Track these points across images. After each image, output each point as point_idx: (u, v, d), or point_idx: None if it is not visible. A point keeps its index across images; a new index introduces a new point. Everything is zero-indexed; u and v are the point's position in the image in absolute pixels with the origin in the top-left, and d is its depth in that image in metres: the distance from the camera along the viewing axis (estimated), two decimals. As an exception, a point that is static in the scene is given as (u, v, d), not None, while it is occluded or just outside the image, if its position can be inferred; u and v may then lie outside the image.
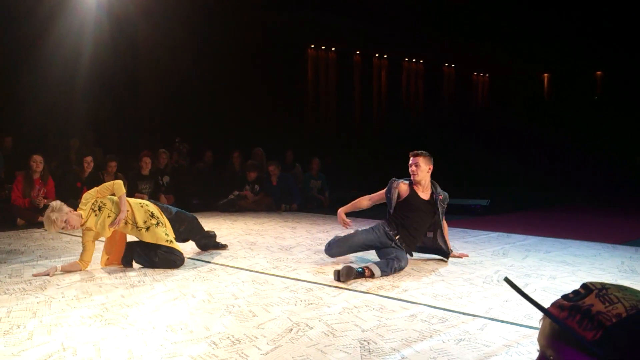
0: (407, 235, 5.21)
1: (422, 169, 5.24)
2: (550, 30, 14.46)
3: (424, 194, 5.30)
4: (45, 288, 4.32)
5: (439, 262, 5.38)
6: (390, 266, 4.76)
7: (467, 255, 5.57)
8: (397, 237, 5.17)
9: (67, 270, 4.85)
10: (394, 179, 5.41)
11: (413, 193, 5.27)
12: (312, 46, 15.66)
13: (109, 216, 4.95)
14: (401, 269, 4.88)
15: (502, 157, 15.79)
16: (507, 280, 1.08)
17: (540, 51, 16.18)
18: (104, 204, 4.97)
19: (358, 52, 16.66)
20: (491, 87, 21.27)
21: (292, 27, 13.11)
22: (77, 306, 3.84)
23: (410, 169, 5.27)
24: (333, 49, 16.06)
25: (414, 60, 18.34)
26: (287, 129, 13.40)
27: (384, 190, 5.40)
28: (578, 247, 6.21)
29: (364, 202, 5.44)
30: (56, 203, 4.81)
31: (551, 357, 1.00)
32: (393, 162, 12.78)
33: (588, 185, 13.71)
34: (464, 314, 3.68)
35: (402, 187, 5.31)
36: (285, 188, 9.99)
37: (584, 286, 1.02)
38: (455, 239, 6.75)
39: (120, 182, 5.06)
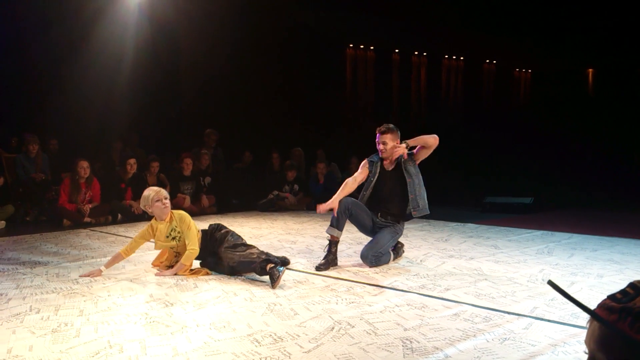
0: (384, 211, 5.29)
1: (389, 145, 5.24)
2: (595, 25, 14.11)
3: (392, 164, 5.36)
4: (92, 287, 4.41)
5: (481, 260, 5.30)
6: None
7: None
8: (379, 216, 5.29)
9: (111, 265, 4.90)
10: (367, 159, 5.50)
11: (382, 170, 5.35)
12: (351, 45, 15.62)
13: (171, 239, 4.90)
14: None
15: (545, 154, 15.48)
16: (550, 283, 1.04)
17: (584, 46, 15.80)
18: (179, 236, 4.91)
19: (397, 51, 16.55)
20: (533, 83, 20.87)
21: (330, 26, 13.10)
22: (123, 304, 3.91)
23: (377, 147, 5.31)
24: (372, 47, 15.98)
25: (454, 57, 18.12)
26: (326, 129, 13.40)
27: (365, 169, 5.42)
28: (626, 245, 6.05)
29: (350, 183, 5.41)
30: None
31: None
32: (432, 159, 12.69)
33: (635, 183, 13.33)
34: (508, 313, 3.62)
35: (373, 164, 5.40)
36: (329, 187, 10.02)
37: (633, 286, 0.98)
38: (499, 237, 6.66)
39: (192, 254, 4.83)
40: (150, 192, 4.98)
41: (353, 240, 6.56)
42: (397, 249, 5.47)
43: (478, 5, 12.95)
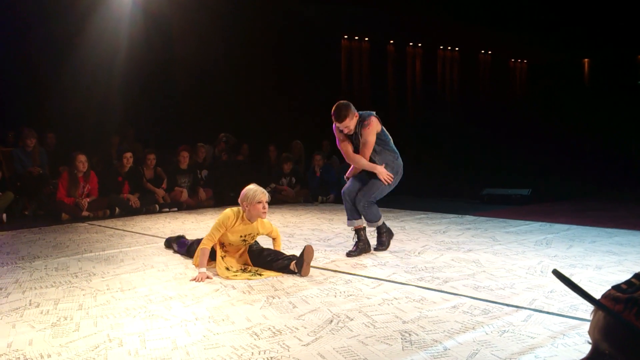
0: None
1: (351, 127, 5.27)
2: (590, 15, 14.10)
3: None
4: (91, 281, 4.41)
5: (479, 252, 5.32)
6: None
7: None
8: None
9: (204, 263, 4.53)
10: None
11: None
12: (346, 36, 15.57)
13: (242, 240, 4.74)
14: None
15: (541, 145, 15.49)
16: (555, 272, 1.04)
17: (580, 36, 15.79)
18: (250, 241, 4.80)
19: (392, 42, 16.50)
20: (529, 74, 20.85)
21: (325, 17, 13.06)
22: (122, 298, 3.91)
23: (343, 132, 5.32)
24: (366, 38, 15.93)
25: (449, 48, 18.08)
26: (322, 120, 13.38)
27: (342, 135, 5.43)
28: (624, 236, 6.06)
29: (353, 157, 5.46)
30: None
31: (606, 351, 0.97)
32: (428, 152, 12.69)
33: (633, 173, 13.35)
34: (507, 305, 3.63)
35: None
36: (326, 179, 10.04)
37: (638, 276, 0.98)
38: (497, 229, 6.67)
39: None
40: (257, 192, 4.61)
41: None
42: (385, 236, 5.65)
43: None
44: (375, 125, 5.31)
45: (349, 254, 5.33)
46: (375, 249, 5.52)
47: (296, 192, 9.92)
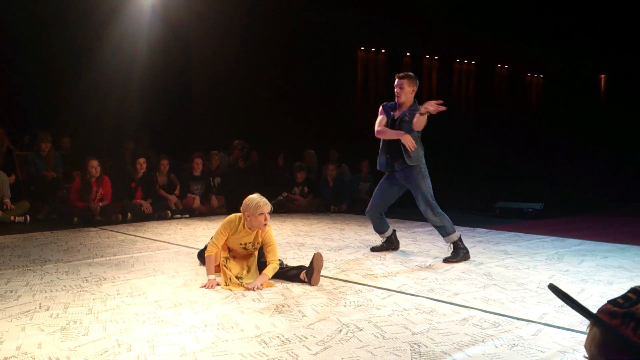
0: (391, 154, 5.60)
1: (405, 91, 5.54)
2: (607, 30, 14.04)
3: (398, 112, 5.63)
4: (101, 285, 4.43)
5: (490, 265, 5.28)
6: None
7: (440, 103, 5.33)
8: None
9: (212, 270, 4.49)
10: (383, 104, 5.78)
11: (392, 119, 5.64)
12: (362, 48, 15.61)
13: (243, 248, 4.67)
14: None
15: (556, 159, 15.41)
16: (551, 286, 1.03)
17: (596, 51, 15.72)
18: (252, 250, 4.70)
19: (408, 54, 16.52)
20: (545, 88, 20.77)
21: (341, 28, 13.10)
22: (131, 303, 3.92)
23: (395, 90, 5.62)
24: (383, 50, 15.96)
25: (465, 61, 18.07)
26: (336, 131, 13.40)
27: (383, 115, 5.68)
28: (637, 251, 6.00)
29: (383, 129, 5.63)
30: None
31: None
32: (443, 163, 12.65)
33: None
34: (517, 318, 3.60)
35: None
36: (338, 189, 10.04)
37: (634, 291, 0.97)
38: (509, 243, 6.63)
39: (276, 268, 4.57)
40: (260, 203, 4.54)
41: (362, 243, 6.55)
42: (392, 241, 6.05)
43: (489, 9, 12.92)
44: (421, 119, 5.41)
45: (373, 249, 6.04)
46: (447, 260, 5.47)
47: (308, 202, 9.92)
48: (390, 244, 6.04)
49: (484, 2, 12.54)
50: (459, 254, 5.45)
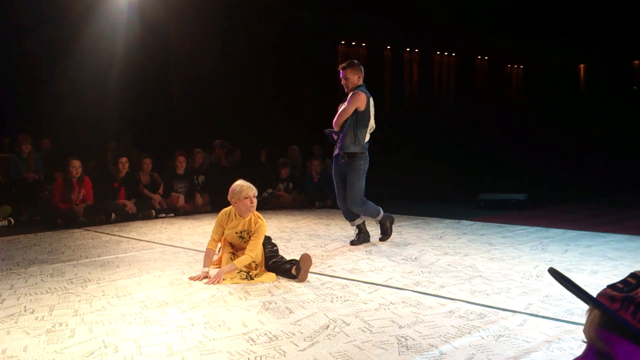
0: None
1: (351, 80, 5.83)
2: (585, 20, 14.17)
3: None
4: (86, 287, 4.40)
5: (475, 257, 5.32)
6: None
7: None
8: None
9: (209, 263, 4.63)
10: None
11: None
12: (343, 42, 15.61)
13: (239, 237, 4.72)
14: None
15: (537, 150, 15.53)
16: (551, 270, 1.03)
17: (575, 42, 15.87)
18: (247, 238, 4.70)
19: (389, 47, 16.55)
20: (525, 79, 20.93)
21: (322, 23, 13.10)
22: (117, 304, 3.90)
23: (342, 82, 5.91)
24: (363, 44, 15.97)
25: (445, 53, 18.14)
26: (319, 126, 13.39)
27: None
28: (620, 240, 6.07)
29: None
30: None
31: (602, 350, 0.96)
32: (424, 157, 12.69)
33: (627, 178, 13.38)
34: (503, 309, 3.63)
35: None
36: (323, 184, 10.02)
37: (634, 275, 0.98)
38: (492, 234, 6.67)
39: (247, 260, 4.55)
40: (243, 187, 4.72)
41: (348, 238, 6.56)
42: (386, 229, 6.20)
43: (469, 2, 12.97)
44: (358, 100, 5.55)
45: (352, 243, 6.02)
46: (380, 239, 6.17)
47: (293, 198, 9.90)
48: (363, 233, 6.15)
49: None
50: (360, 237, 6.06)
